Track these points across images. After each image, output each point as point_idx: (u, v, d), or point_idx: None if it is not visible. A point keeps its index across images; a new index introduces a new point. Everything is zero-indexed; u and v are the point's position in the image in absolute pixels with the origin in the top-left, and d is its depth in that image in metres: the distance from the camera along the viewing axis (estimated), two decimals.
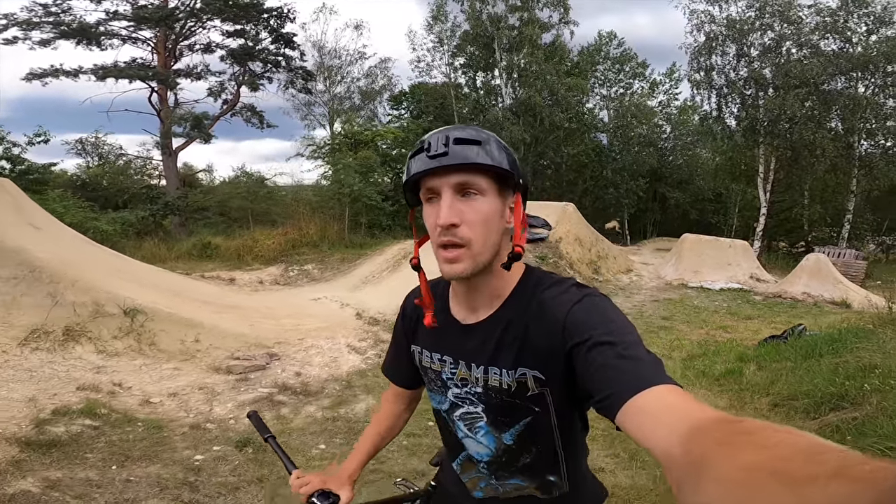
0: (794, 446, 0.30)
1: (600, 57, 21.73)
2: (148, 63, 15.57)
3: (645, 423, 0.52)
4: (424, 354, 0.88)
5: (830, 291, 8.73)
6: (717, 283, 9.91)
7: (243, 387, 3.88)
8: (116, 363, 3.89)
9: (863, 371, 2.69)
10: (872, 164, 14.01)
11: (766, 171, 14.62)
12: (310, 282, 9.70)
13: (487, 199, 0.71)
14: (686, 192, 19.38)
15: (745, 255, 11.18)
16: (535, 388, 0.74)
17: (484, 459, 0.87)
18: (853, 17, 14.96)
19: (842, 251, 13.16)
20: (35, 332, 3.88)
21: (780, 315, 6.95)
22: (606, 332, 0.64)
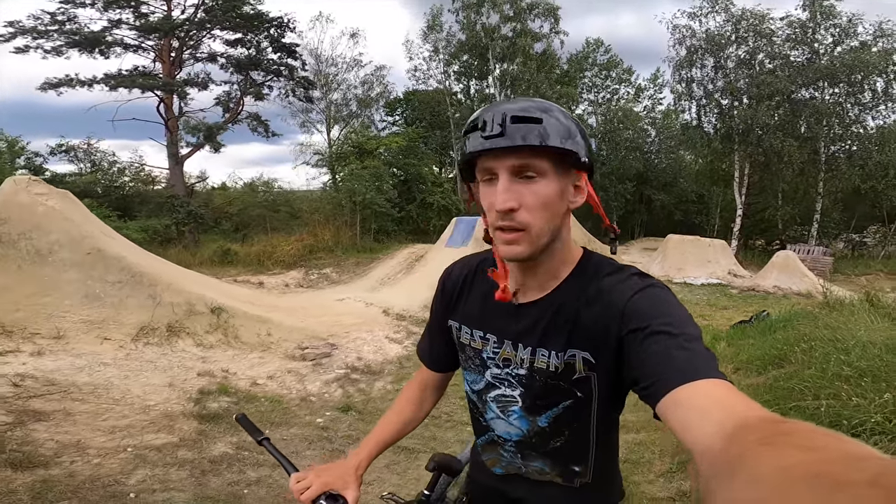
0: (835, 451, 0.30)
1: (588, 64, 23.02)
2: (150, 71, 16.21)
3: (688, 416, 0.51)
4: (464, 331, 0.86)
5: (797, 284, 10.00)
6: (699, 278, 11.14)
7: (320, 370, 4.82)
8: (214, 354, 4.80)
9: (798, 340, 3.79)
10: (837, 168, 15.50)
11: (741, 175, 16.05)
12: (330, 284, 10.60)
13: (548, 181, 0.68)
14: (671, 194, 20.79)
15: (724, 252, 12.48)
16: (583, 371, 0.74)
17: (513, 439, 0.86)
18: (821, 29, 16.46)
19: (811, 248, 14.59)
20: (143, 329, 4.75)
21: (752, 305, 8.15)
22: (666, 322, 0.63)
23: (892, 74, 15.84)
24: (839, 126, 15.97)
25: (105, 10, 15.10)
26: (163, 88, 14.61)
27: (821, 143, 15.50)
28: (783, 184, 16.40)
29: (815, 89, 16.28)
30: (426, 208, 15.08)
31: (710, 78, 16.28)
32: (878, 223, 18.53)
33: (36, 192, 4.93)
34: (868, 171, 14.99)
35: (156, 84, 14.42)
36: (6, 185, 4.92)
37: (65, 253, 4.75)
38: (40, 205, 4.87)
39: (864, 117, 16.42)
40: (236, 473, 2.57)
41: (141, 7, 15.54)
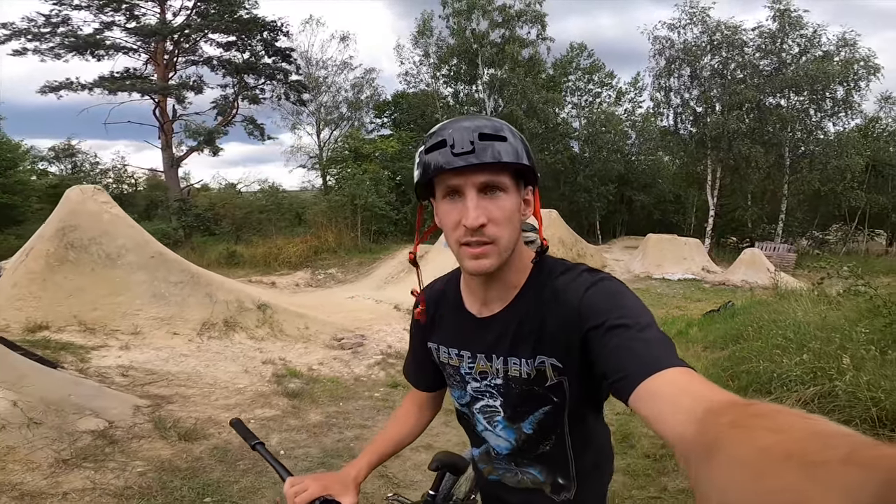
0: (806, 430, 0.31)
1: (571, 68, 24.25)
2: (142, 74, 16.59)
3: (658, 407, 0.53)
4: (442, 350, 0.90)
5: (763, 278, 11.31)
6: (676, 274, 12.38)
7: (360, 357, 5.68)
8: (266, 345, 5.60)
9: (752, 322, 4.87)
10: (800, 171, 17.07)
11: (713, 178, 17.50)
12: (336, 283, 11.39)
13: (509, 196, 0.72)
14: (650, 195, 22.22)
15: (698, 250, 13.79)
16: (554, 378, 0.77)
17: (503, 453, 0.90)
18: (788, 39, 17.97)
19: (777, 246, 16.11)
20: (205, 324, 5.52)
21: (722, 297, 9.36)
22: (620, 315, 0.66)
23: (851, 83, 17.50)
24: (802, 132, 17.57)
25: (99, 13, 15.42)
26: (161, 92, 15.05)
27: (785, 148, 17.04)
28: (751, 186, 17.94)
29: (781, 97, 17.83)
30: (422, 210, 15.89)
31: (686, 87, 17.67)
32: (841, 222, 20.35)
33: (101, 200, 5.62)
34: (827, 174, 16.59)
35: (154, 87, 14.87)
36: (72, 194, 5.58)
37: (131, 256, 5.47)
38: (105, 212, 5.57)
39: (826, 124, 18.10)
40: (336, 433, 3.43)
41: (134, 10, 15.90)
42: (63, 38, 14.74)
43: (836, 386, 2.96)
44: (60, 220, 5.36)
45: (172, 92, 15.30)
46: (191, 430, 3.01)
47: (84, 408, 2.82)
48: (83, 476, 2.31)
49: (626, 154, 22.75)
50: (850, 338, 3.24)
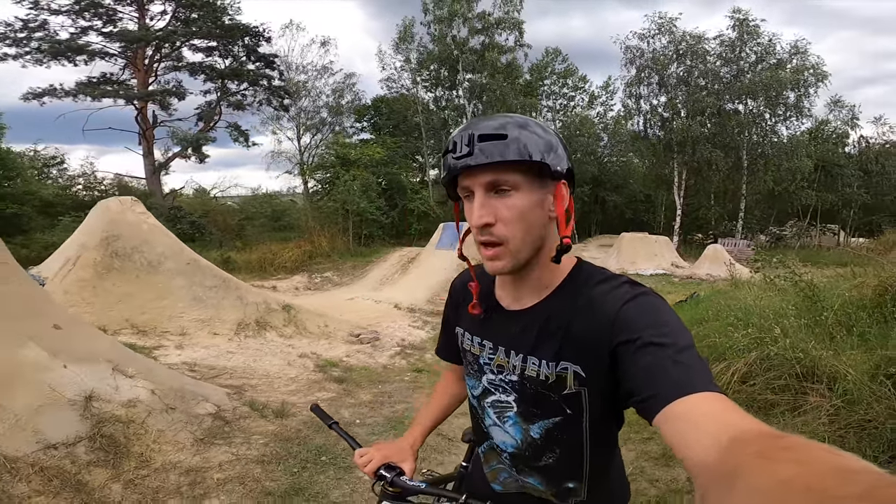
0: (830, 465, 0.31)
1: (546, 72, 25.60)
2: (119, 79, 16.77)
3: (684, 430, 0.52)
4: (465, 337, 0.92)
5: (724, 272, 12.69)
6: (648, 269, 13.68)
7: (379, 349, 6.49)
8: (295, 342, 6.34)
9: (712, 307, 5.99)
10: (756, 173, 18.84)
11: (679, 179, 19.08)
12: (334, 286, 12.08)
13: (522, 194, 0.72)
14: (622, 195, 23.79)
15: (667, 247, 15.18)
16: (574, 387, 0.75)
17: (508, 450, 0.90)
18: (746, 48, 19.71)
19: (737, 241, 17.76)
20: (240, 324, 6.22)
21: (689, 289, 10.62)
22: (659, 333, 0.64)
23: (801, 90, 19.39)
24: (758, 136, 19.36)
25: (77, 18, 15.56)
26: (145, 98, 15.32)
27: (743, 151, 18.77)
28: (713, 187, 19.64)
29: (739, 103, 19.58)
30: (407, 214, 16.83)
31: (654, 94, 19.21)
32: (795, 218, 22.38)
33: (139, 211, 6.23)
34: (780, 175, 18.39)
35: (138, 94, 15.11)
36: (112, 205, 6.16)
37: (170, 263, 6.11)
38: (144, 223, 6.19)
39: (779, 128, 19.97)
40: (389, 408, 4.25)
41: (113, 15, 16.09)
42: (41, 43, 14.81)
43: (771, 351, 4.03)
44: (103, 231, 5.95)
45: (157, 98, 15.58)
46: (279, 410, 3.77)
47: (197, 394, 3.55)
48: (223, 451, 3.04)
49: (598, 156, 24.25)
50: (781, 314, 4.34)
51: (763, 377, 3.84)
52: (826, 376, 3.65)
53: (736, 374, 3.95)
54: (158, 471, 2.70)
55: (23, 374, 2.65)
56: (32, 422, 2.53)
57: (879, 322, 4.35)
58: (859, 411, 3.22)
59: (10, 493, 2.22)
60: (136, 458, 2.72)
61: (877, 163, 21.20)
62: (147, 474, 2.65)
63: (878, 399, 3.19)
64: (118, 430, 2.78)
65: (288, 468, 2.89)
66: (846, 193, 20.63)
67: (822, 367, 3.66)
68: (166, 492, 2.56)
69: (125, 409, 2.91)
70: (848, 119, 21.66)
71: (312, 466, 2.94)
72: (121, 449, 2.71)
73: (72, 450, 2.56)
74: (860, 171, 21.04)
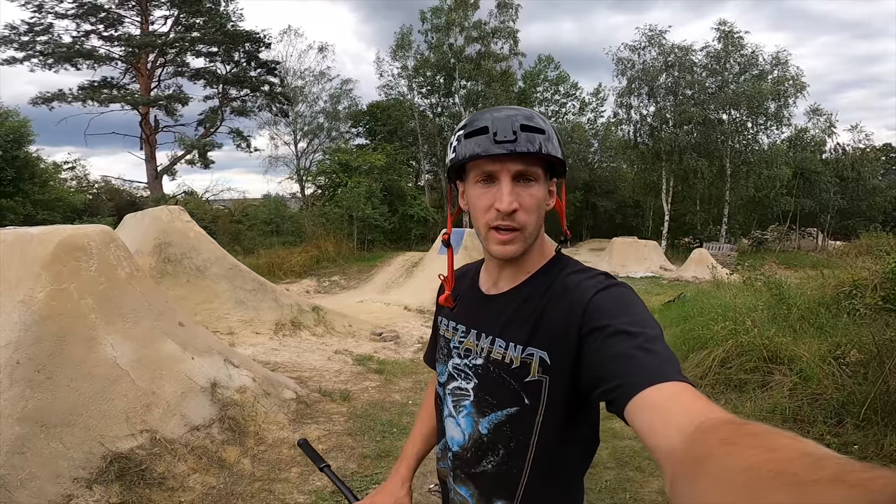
0: (796, 450, 0.32)
1: (539, 80, 26.73)
2: (119, 83, 17.29)
3: (653, 418, 0.54)
4: (443, 323, 0.96)
5: (709, 274, 13.82)
6: (639, 272, 14.75)
7: (402, 346, 7.32)
8: (326, 340, 7.14)
9: (697, 306, 6.99)
10: (738, 180, 20.15)
11: (667, 186, 20.30)
12: (341, 290, 12.85)
13: (540, 185, 0.78)
14: (612, 201, 25.00)
15: (656, 251, 16.30)
16: (537, 374, 0.76)
17: (453, 448, 0.89)
18: (730, 59, 21.02)
19: (721, 245, 19.00)
20: (278, 324, 7.00)
21: (677, 290, 11.67)
22: (629, 322, 0.66)
23: (781, 100, 20.76)
24: (740, 144, 20.70)
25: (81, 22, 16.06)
26: (151, 103, 15.88)
27: (726, 159, 20.08)
28: (699, 193, 20.92)
29: (723, 112, 20.90)
30: (407, 220, 17.69)
31: (644, 104, 20.45)
32: (777, 223, 23.83)
33: (185, 219, 6.97)
34: (761, 182, 19.73)
35: (145, 100, 15.67)
36: (162, 214, 6.87)
37: (215, 269, 6.86)
38: (191, 230, 6.93)
39: (761, 137, 21.35)
40: None
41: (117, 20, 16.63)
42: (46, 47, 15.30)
43: (744, 339, 5.00)
44: (156, 238, 6.67)
45: (162, 103, 16.16)
46: (344, 395, 4.60)
47: (279, 383, 4.36)
48: (315, 427, 3.82)
49: (590, 163, 25.44)
50: (753, 309, 5.33)
51: (738, 361, 4.80)
52: (787, 359, 4.63)
53: (716, 359, 4.91)
54: (272, 446, 3.46)
55: (166, 365, 3.40)
56: (180, 407, 3.23)
57: (835, 315, 5.39)
58: (812, 386, 4.18)
59: (174, 473, 2.78)
60: (253, 436, 3.50)
61: (852, 169, 22.75)
62: (265, 450, 3.40)
63: (826, 376, 4.14)
64: (237, 413, 3.56)
65: (372, 437, 3.71)
66: (823, 199, 22.11)
67: (783, 352, 4.64)
68: (285, 463, 3.25)
69: (239, 394, 3.70)
70: (825, 127, 23.21)
71: (389, 435, 3.77)
72: (242, 428, 3.48)
73: (209, 431, 3.27)
74: (836, 177, 22.56)
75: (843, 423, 3.45)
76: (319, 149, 21.12)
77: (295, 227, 14.91)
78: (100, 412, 2.73)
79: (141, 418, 2.90)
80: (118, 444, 2.67)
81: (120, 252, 3.59)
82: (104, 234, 3.51)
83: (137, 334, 3.35)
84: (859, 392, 3.50)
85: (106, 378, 2.90)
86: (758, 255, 20.95)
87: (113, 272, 3.42)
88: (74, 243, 3.20)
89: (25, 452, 2.38)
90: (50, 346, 2.79)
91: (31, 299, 2.89)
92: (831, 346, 4.57)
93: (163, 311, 3.71)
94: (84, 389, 2.75)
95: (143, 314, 3.50)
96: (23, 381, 2.56)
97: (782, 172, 19.49)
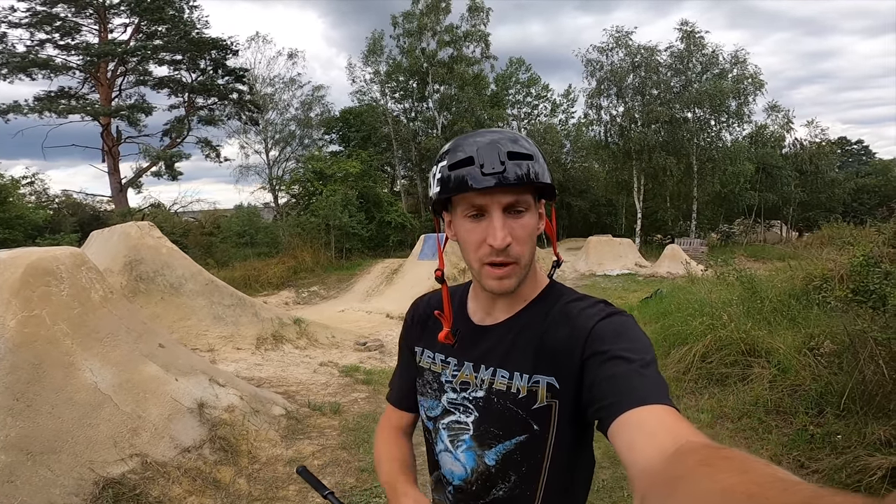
0: (770, 476, 0.33)
1: (511, 82, 27.07)
2: (77, 93, 16.68)
3: (633, 437, 0.56)
4: (426, 354, 0.91)
5: (681, 269, 14.24)
6: (615, 270, 15.07)
7: (386, 355, 7.27)
8: (310, 352, 7.03)
9: (674, 301, 7.19)
10: (704, 177, 20.85)
11: (638, 184, 20.83)
12: (321, 300, 12.68)
13: (531, 214, 0.75)
14: (585, 200, 25.48)
15: (630, 249, 16.69)
16: (545, 400, 0.76)
17: (454, 482, 0.87)
18: (693, 59, 21.74)
19: (691, 241, 19.61)
20: (259, 339, 6.85)
21: (653, 286, 11.99)
22: (627, 348, 0.68)
23: (741, 98, 21.59)
24: (705, 142, 21.44)
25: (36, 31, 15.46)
26: (112, 114, 15.36)
27: (693, 157, 20.75)
28: (668, 190, 21.55)
29: (688, 111, 21.61)
30: (384, 227, 17.59)
31: (613, 104, 20.94)
32: (743, 216, 24.75)
33: (157, 235, 6.76)
34: (725, 178, 20.46)
35: (105, 111, 15.15)
36: (131, 230, 6.63)
37: (190, 285, 6.67)
38: (163, 246, 6.72)
39: (724, 134, 22.15)
40: None
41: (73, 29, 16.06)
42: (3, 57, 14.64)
43: (722, 334, 5.17)
44: (125, 256, 6.44)
45: (125, 114, 15.65)
46: (335, 408, 4.54)
47: (267, 399, 4.27)
48: (307, 443, 3.74)
49: (563, 163, 25.88)
50: (728, 304, 5.52)
51: (717, 355, 4.95)
52: (764, 351, 4.80)
53: (696, 355, 5.05)
54: (266, 464, 3.40)
55: (150, 388, 3.30)
56: (168, 429, 3.16)
57: (806, 307, 5.63)
58: (791, 378, 4.34)
59: (170, 496, 2.72)
60: (246, 455, 3.42)
61: (811, 163, 23.85)
62: (259, 468, 3.33)
63: (803, 367, 4.31)
64: (227, 432, 3.47)
65: (367, 451, 3.65)
66: (785, 192, 23.10)
67: (760, 345, 4.81)
68: (282, 481, 3.19)
69: (227, 413, 3.62)
70: (783, 123, 24.27)
71: None
72: (234, 448, 3.40)
73: (200, 451, 3.20)
74: (796, 171, 23.61)
75: (824, 414, 3.60)
76: (292, 157, 20.83)
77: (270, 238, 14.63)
78: (85, 438, 2.63)
79: (129, 442, 2.81)
80: (108, 470, 2.59)
81: (92, 274, 3.47)
82: (74, 257, 3.38)
83: (117, 358, 3.24)
84: (836, 382, 3.66)
85: (88, 404, 2.80)
86: (727, 249, 21.73)
87: (86, 296, 3.30)
88: (43, 267, 3.08)
89: (14, 481, 2.30)
90: (26, 374, 2.67)
91: (2, 327, 2.77)
92: (805, 337, 4.76)
93: (141, 334, 3.60)
94: (66, 416, 2.64)
95: (122, 337, 3.38)
96: (2, 410, 2.46)
97: (745, 168, 20.27)
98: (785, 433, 3.69)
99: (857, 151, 41.47)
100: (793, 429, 3.66)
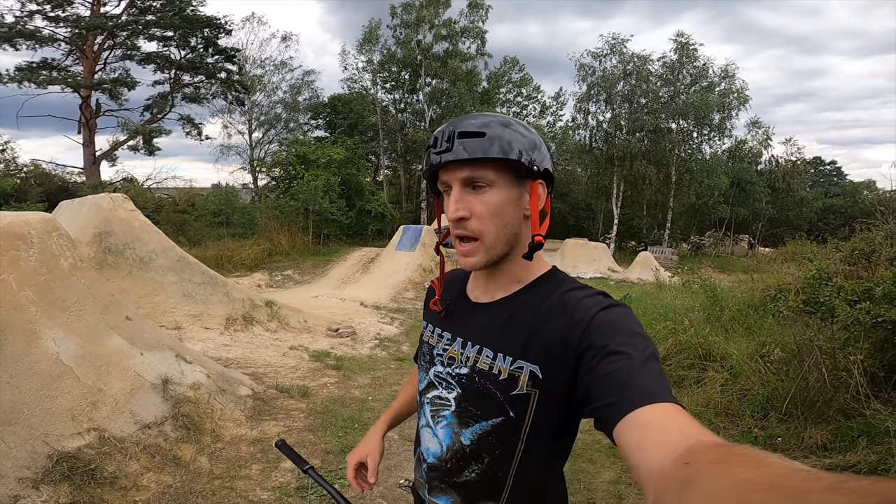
0: (787, 467, 0.33)
1: (503, 81, 27.16)
2: (60, 64, 16.07)
3: (643, 438, 0.54)
4: (428, 329, 0.95)
5: (651, 276, 14.65)
6: (588, 273, 15.38)
7: (358, 342, 7.30)
8: (281, 336, 7.01)
9: (641, 305, 7.42)
10: (681, 187, 21.40)
11: (617, 191, 21.24)
12: (295, 284, 12.56)
13: (497, 190, 0.76)
14: (566, 203, 25.83)
15: (605, 253, 17.05)
16: (525, 388, 0.75)
17: (428, 460, 0.88)
18: (684, 70, 22.10)
19: (664, 249, 20.12)
20: (229, 319, 6.79)
21: (623, 291, 12.28)
22: (627, 343, 0.66)
23: (725, 112, 22.10)
24: (686, 153, 21.97)
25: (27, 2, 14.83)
26: (96, 87, 14.86)
27: (672, 167, 21.26)
28: (646, 199, 22.05)
29: (672, 122, 22.06)
30: (364, 215, 17.50)
31: (601, 110, 21.24)
32: (713, 229, 25.50)
33: (129, 208, 6.61)
34: (701, 191, 21.04)
35: (88, 83, 14.64)
36: (103, 202, 6.47)
37: (160, 260, 6.55)
38: (135, 220, 6.58)
39: (704, 147, 22.72)
40: (388, 388, 5.08)
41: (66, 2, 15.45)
42: None
43: (683, 338, 5.39)
44: (95, 227, 6.29)
45: (107, 87, 15.12)
46: (302, 391, 4.55)
47: (234, 379, 4.26)
48: (273, 424, 3.76)
49: None
50: (690, 310, 5.75)
51: (676, 358, 5.17)
52: (720, 356, 5.03)
53: None
54: (230, 443, 3.41)
55: (113, 361, 3.27)
56: (129, 404, 3.13)
57: (762, 316, 5.90)
58: (741, 382, 4.56)
59: (126, 472, 2.70)
60: (209, 433, 3.43)
61: (783, 181, 24.70)
62: (222, 447, 3.34)
63: (754, 373, 4.54)
64: (191, 410, 3.47)
65: (333, 433, 3.71)
66: (756, 208, 23.90)
67: (716, 350, 5.04)
68: (245, 460, 3.21)
69: (192, 391, 3.61)
70: (762, 139, 25.03)
71: (351, 431, 3.79)
72: (197, 426, 3.40)
73: (161, 428, 3.18)
74: (769, 188, 24.44)
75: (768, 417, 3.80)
76: (276, 139, 20.47)
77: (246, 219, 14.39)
78: (43, 410, 2.60)
79: (87, 416, 2.78)
80: (64, 444, 2.56)
81: (63, 241, 3.41)
82: (46, 223, 3.31)
83: (81, 329, 3.20)
84: (782, 388, 3.87)
85: (48, 374, 2.76)
86: (696, 259, 22.40)
87: (55, 262, 3.25)
88: (14, 231, 3.02)
89: None
90: None
91: None
92: (758, 345, 5.02)
93: (108, 305, 3.55)
94: (25, 386, 2.61)
95: (88, 307, 3.34)
96: None
97: (721, 182, 20.86)
98: (731, 434, 3.89)
99: (829, 172, 43.13)
100: (739, 431, 3.86)
